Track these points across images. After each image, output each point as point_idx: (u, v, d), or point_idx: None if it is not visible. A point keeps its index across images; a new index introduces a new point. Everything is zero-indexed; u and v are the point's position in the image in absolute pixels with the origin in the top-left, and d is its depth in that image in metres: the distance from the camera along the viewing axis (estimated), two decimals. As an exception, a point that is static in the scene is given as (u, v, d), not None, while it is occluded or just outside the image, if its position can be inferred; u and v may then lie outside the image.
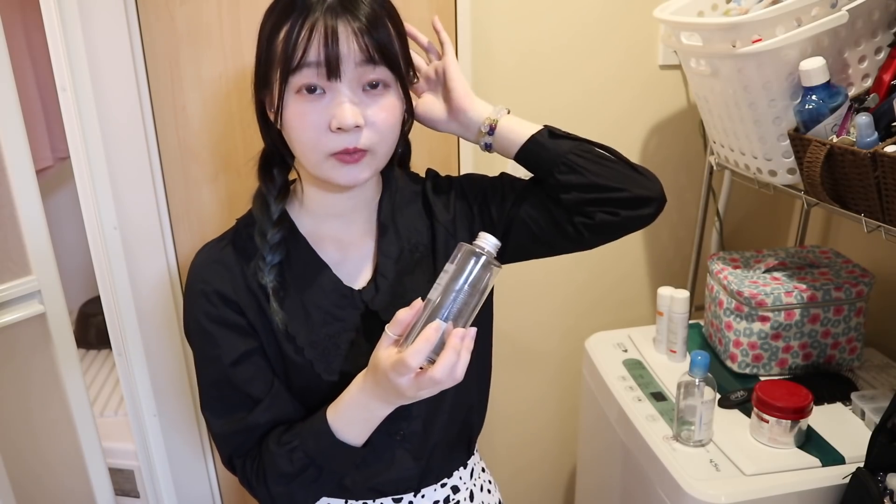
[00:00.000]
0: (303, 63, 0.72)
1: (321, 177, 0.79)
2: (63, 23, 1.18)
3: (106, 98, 1.25)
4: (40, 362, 1.25)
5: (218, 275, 0.82)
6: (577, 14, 1.44)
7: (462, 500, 0.95)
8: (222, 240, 0.86)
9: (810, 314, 1.22)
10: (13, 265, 1.17)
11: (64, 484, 1.34)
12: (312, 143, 0.75)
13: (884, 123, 0.96)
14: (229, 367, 0.81)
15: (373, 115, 0.75)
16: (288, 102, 0.75)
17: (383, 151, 0.79)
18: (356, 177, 0.77)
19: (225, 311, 0.81)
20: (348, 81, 0.74)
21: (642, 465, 1.19)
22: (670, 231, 1.67)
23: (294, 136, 0.77)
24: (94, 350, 2.04)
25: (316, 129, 0.74)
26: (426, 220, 0.90)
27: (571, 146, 0.85)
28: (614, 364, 1.39)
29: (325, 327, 0.83)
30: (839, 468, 1.04)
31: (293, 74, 0.73)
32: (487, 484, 1.02)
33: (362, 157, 0.76)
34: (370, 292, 0.85)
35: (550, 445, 1.81)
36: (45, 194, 1.24)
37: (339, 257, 0.86)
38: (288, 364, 0.84)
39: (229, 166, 1.34)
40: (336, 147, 0.75)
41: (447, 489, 0.94)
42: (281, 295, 0.82)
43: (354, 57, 0.73)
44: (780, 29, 1.02)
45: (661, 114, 1.57)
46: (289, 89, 0.74)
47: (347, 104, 0.73)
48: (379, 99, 0.76)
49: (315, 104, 0.74)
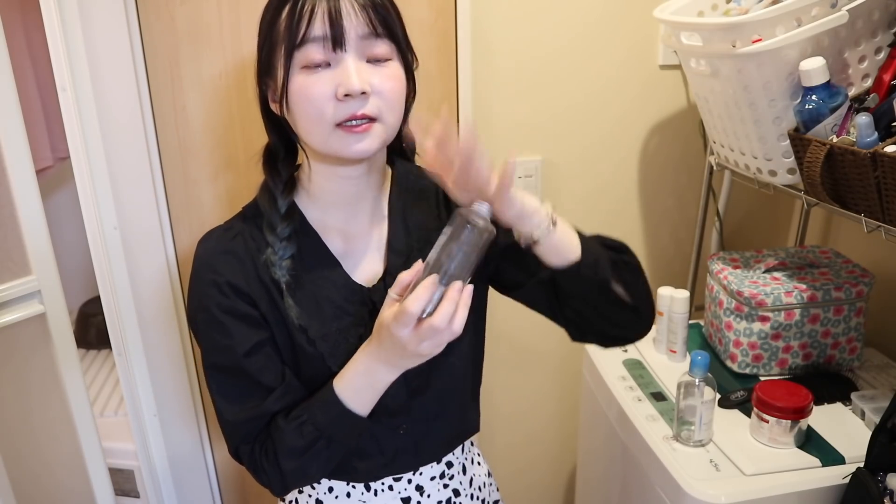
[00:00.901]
0: (307, 38, 0.73)
1: (329, 152, 0.78)
2: (63, 23, 1.18)
3: (106, 98, 1.25)
4: (40, 362, 1.25)
5: (230, 266, 0.82)
6: (577, 14, 1.44)
7: (456, 474, 0.98)
8: (230, 229, 0.86)
9: (810, 314, 1.22)
10: (13, 265, 1.17)
11: (64, 484, 1.34)
12: (318, 115, 0.75)
13: (884, 123, 0.96)
14: (243, 358, 0.81)
15: (379, 83, 0.76)
16: (293, 79, 0.75)
17: (391, 122, 0.78)
18: (365, 148, 0.77)
19: (237, 303, 0.81)
20: (353, 52, 0.74)
21: (642, 465, 1.19)
22: (670, 231, 1.67)
23: (299, 111, 0.76)
24: (94, 350, 2.04)
25: (322, 98, 0.74)
26: (440, 219, 0.89)
27: (609, 253, 0.83)
28: (614, 364, 1.39)
29: (335, 321, 0.84)
30: (839, 468, 1.04)
31: (298, 49, 0.74)
32: (477, 457, 1.05)
33: (370, 126, 0.76)
34: (379, 291, 0.85)
35: (550, 445, 1.81)
36: (45, 194, 1.24)
37: (345, 248, 0.86)
38: (298, 354, 0.84)
39: (229, 166, 1.34)
40: (343, 115, 0.75)
41: (442, 465, 0.96)
42: (293, 288, 0.82)
43: (358, 30, 0.74)
44: (780, 29, 1.02)
45: (662, 114, 1.57)
46: (294, 66, 0.75)
47: (353, 70, 0.74)
48: (383, 69, 0.77)
49: (320, 76, 0.74)
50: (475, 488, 1.02)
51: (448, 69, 1.39)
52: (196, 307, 0.83)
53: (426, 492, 0.95)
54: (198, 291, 0.83)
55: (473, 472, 1.02)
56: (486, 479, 1.06)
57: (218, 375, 0.84)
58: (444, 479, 0.96)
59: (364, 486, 0.92)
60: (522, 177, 1.52)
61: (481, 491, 1.03)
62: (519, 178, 1.52)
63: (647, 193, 1.62)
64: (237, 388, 0.83)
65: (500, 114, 1.48)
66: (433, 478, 0.95)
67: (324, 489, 0.94)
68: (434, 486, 0.95)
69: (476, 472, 1.03)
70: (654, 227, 1.66)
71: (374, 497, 0.93)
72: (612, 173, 1.59)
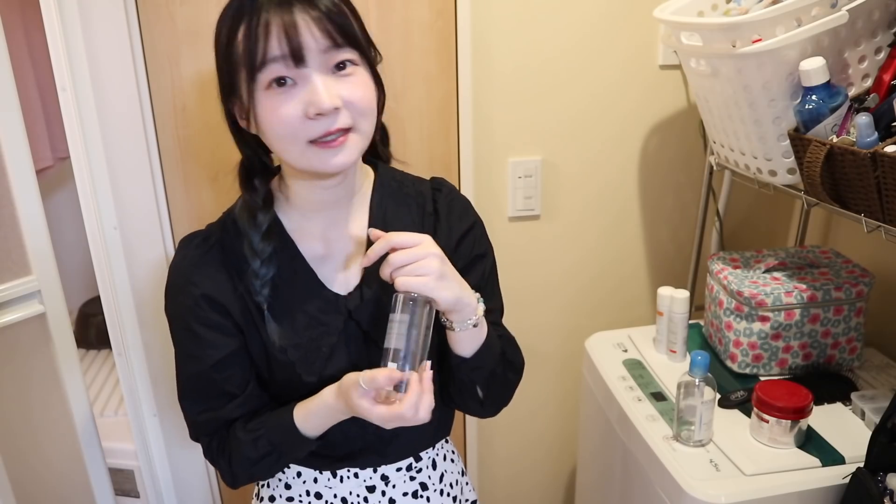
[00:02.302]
0: (267, 58, 0.71)
1: (306, 168, 0.78)
2: (63, 23, 1.18)
3: (106, 98, 1.25)
4: (40, 362, 1.25)
5: (206, 277, 0.83)
6: (577, 14, 1.44)
7: (424, 468, 0.98)
8: (208, 238, 0.86)
9: (810, 314, 1.22)
10: (13, 265, 1.18)
11: (64, 484, 1.34)
12: (291, 135, 0.74)
13: (884, 123, 0.96)
14: (210, 368, 0.84)
15: (348, 94, 0.74)
16: (259, 100, 0.74)
17: (366, 129, 0.78)
18: (343, 161, 0.76)
19: (211, 314, 0.83)
20: (317, 67, 0.73)
21: (642, 465, 1.19)
22: (670, 231, 1.67)
23: (270, 132, 0.76)
24: (94, 350, 2.04)
25: (293, 119, 0.73)
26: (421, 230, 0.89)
27: (497, 366, 0.89)
28: (614, 364, 1.39)
29: (308, 330, 0.84)
30: (839, 468, 1.04)
31: (259, 71, 0.72)
32: (451, 454, 1.05)
33: (345, 138, 0.75)
34: (355, 300, 0.86)
35: (550, 445, 1.81)
36: (45, 194, 1.24)
37: (324, 252, 0.87)
38: (271, 360, 0.86)
39: (229, 166, 1.33)
40: (316, 133, 0.74)
41: (409, 458, 0.97)
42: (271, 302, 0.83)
43: (318, 45, 0.72)
44: (780, 29, 1.02)
45: (662, 114, 1.57)
46: (258, 87, 0.73)
47: (321, 88, 0.72)
48: (350, 78, 0.75)
49: (287, 95, 0.73)
50: (445, 484, 1.01)
51: (448, 69, 1.39)
52: (171, 314, 0.86)
53: (391, 482, 0.96)
54: (172, 299, 0.85)
55: (445, 468, 1.02)
56: (460, 478, 1.05)
57: (186, 381, 0.88)
58: (412, 472, 0.97)
59: (331, 472, 0.95)
60: (522, 177, 1.52)
61: (453, 488, 1.03)
62: (519, 178, 1.52)
63: (646, 193, 1.62)
64: (202, 392, 0.87)
65: (499, 113, 1.48)
66: (399, 469, 0.96)
67: (292, 473, 0.96)
68: (400, 476, 0.96)
69: (448, 469, 1.02)
70: (653, 226, 1.66)
71: (340, 483, 0.95)
72: (612, 173, 1.59)
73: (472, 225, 0.93)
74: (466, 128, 1.44)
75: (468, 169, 1.46)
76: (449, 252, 0.90)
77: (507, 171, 1.52)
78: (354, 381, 0.76)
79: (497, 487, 1.81)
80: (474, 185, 1.49)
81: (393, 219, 0.89)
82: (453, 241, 0.91)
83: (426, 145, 1.43)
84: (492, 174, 1.52)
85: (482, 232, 0.95)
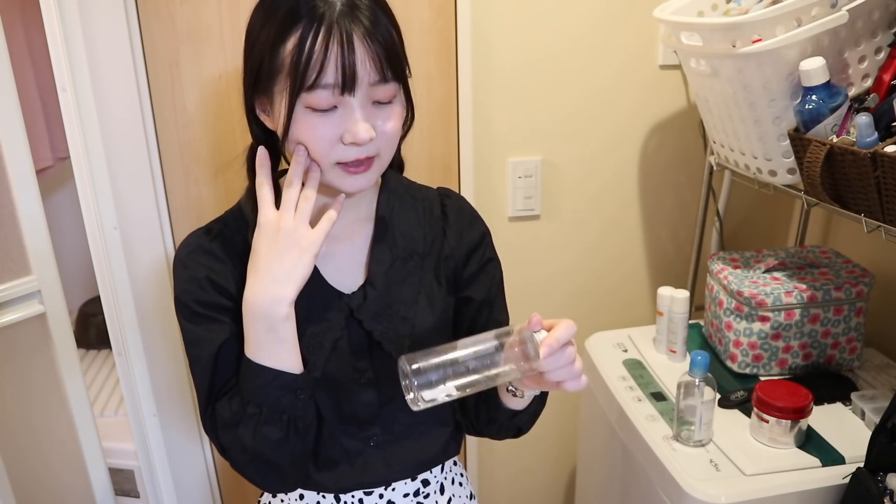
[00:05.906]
0: (318, 83, 0.71)
1: (325, 183, 0.79)
2: (63, 23, 1.18)
3: (106, 98, 1.25)
4: (40, 362, 1.25)
5: (208, 263, 0.83)
6: (577, 14, 1.44)
7: (432, 493, 0.96)
8: (210, 231, 0.86)
9: (810, 314, 1.22)
10: (13, 265, 1.18)
11: (64, 484, 1.34)
12: (322, 154, 0.75)
13: (884, 123, 0.96)
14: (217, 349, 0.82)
15: (381, 125, 0.76)
16: (297, 117, 0.74)
17: (387, 156, 0.80)
18: (362, 184, 0.78)
19: (214, 296, 0.82)
20: (360, 97, 0.73)
21: (642, 465, 1.19)
22: (670, 231, 1.67)
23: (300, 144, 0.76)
24: (94, 350, 2.04)
25: (327, 140, 0.74)
26: (428, 232, 0.89)
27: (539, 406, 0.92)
28: (614, 364, 1.39)
29: (310, 326, 0.84)
30: (839, 468, 1.04)
31: (308, 93, 0.72)
32: (459, 477, 1.03)
33: (370, 164, 0.77)
34: (358, 299, 0.85)
35: (550, 445, 1.81)
36: (45, 194, 1.24)
37: (328, 250, 0.86)
38: None
39: (229, 166, 1.34)
40: (347, 157, 0.75)
41: (417, 482, 0.95)
42: None
43: (370, 78, 0.72)
44: (780, 29, 1.02)
45: (662, 114, 1.57)
46: (299, 103, 0.73)
47: (361, 119, 0.73)
48: (386, 109, 0.76)
49: (326, 118, 0.73)
50: None
51: (448, 69, 1.39)
52: (176, 303, 0.85)
53: None
54: (178, 288, 0.84)
55: (453, 493, 0.99)
56: (468, 502, 1.03)
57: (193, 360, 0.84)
58: (419, 497, 0.95)
59: (334, 497, 0.92)
60: (522, 177, 1.52)
61: None
62: (519, 178, 1.52)
63: (646, 193, 1.62)
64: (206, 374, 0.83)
65: (499, 113, 1.48)
66: (406, 494, 0.94)
67: (295, 496, 0.93)
68: (407, 502, 0.94)
69: (456, 493, 1.00)
70: (654, 226, 1.66)
71: None
72: (612, 173, 1.59)
73: (484, 232, 0.94)
74: (466, 127, 1.44)
75: (468, 169, 1.46)
76: (458, 257, 0.91)
77: (507, 171, 1.52)
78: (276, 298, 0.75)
79: (497, 488, 1.81)
80: (474, 185, 1.49)
81: (399, 218, 0.89)
82: (463, 246, 0.91)
83: (426, 145, 1.43)
84: (492, 174, 1.52)
85: (491, 240, 0.96)
